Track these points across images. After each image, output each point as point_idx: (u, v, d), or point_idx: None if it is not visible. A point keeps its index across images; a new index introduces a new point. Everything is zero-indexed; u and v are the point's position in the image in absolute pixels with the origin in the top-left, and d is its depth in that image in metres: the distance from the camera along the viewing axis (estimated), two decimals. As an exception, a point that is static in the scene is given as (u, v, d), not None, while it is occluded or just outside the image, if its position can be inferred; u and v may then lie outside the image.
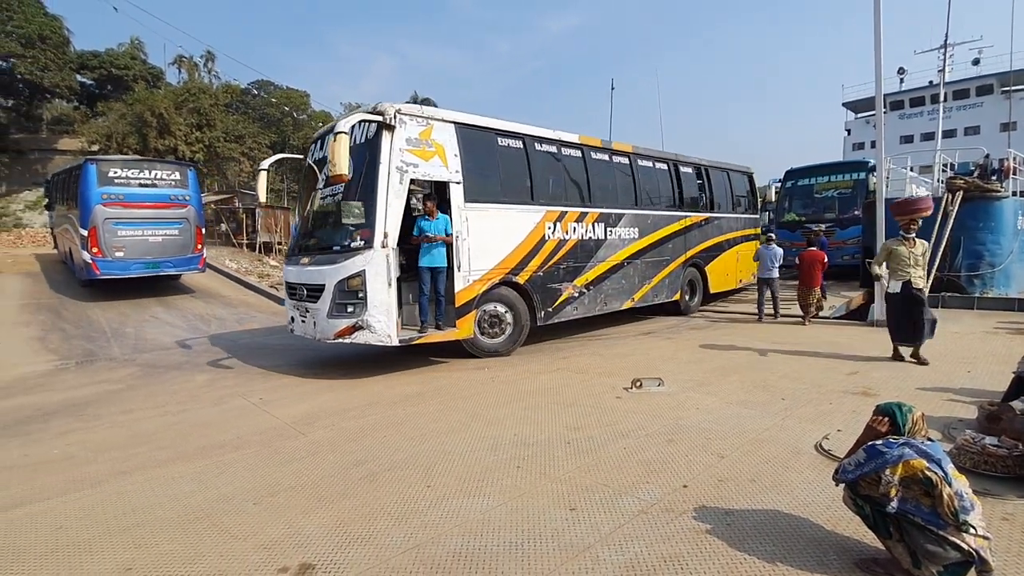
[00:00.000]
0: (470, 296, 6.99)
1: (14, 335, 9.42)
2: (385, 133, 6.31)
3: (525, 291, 7.68)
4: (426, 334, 6.75)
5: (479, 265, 7.09)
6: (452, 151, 6.84)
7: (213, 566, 2.65)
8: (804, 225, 14.39)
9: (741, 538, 2.71)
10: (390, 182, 6.26)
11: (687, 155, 11.15)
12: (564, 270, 8.17)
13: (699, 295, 11.19)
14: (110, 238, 11.51)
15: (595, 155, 8.91)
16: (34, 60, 25.60)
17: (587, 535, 2.79)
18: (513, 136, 7.70)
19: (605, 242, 8.82)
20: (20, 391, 6.72)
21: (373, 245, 6.16)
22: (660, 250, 9.96)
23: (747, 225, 12.72)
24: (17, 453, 4.47)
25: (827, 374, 5.81)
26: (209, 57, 37.43)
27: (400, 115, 6.40)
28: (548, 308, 8.02)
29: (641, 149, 9.96)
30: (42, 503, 3.48)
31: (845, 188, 14.40)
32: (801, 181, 15.37)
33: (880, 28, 8.51)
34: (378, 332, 6.26)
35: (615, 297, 9.14)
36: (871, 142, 34.78)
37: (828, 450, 3.71)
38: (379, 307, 6.21)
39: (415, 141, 6.52)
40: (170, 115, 24.80)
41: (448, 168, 6.80)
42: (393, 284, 6.31)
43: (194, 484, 3.65)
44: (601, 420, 4.58)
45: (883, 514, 2.35)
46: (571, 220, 8.26)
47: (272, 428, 4.78)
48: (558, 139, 8.32)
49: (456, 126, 6.95)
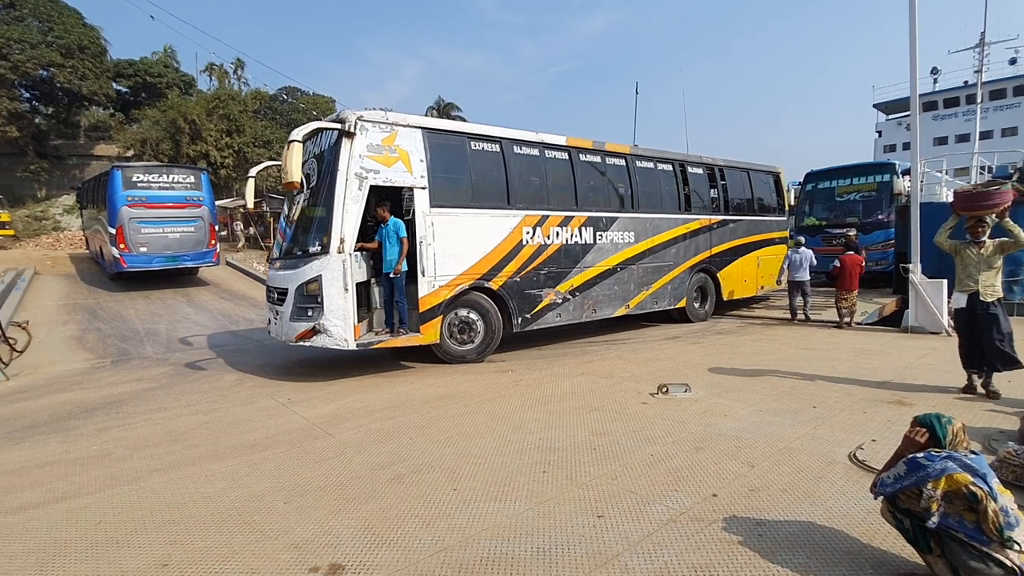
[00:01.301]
0: (435, 302, 6.97)
1: (54, 334, 9.77)
2: (345, 140, 6.39)
3: (500, 297, 7.59)
4: (385, 339, 6.84)
5: (446, 270, 7.05)
6: (418, 157, 6.83)
7: (246, 564, 2.70)
8: (824, 230, 13.83)
9: (773, 549, 2.65)
10: (348, 188, 6.33)
11: (698, 155, 10.70)
12: (545, 275, 8.03)
13: (711, 302, 10.74)
14: (135, 235, 13.01)
15: (585, 157, 8.65)
16: (73, 69, 26.55)
17: (615, 543, 2.76)
18: (489, 140, 7.59)
19: (594, 247, 8.58)
20: (60, 388, 6.96)
21: (329, 250, 6.28)
22: (661, 255, 9.62)
23: (772, 228, 12.07)
24: (59, 449, 4.63)
25: (860, 382, 5.65)
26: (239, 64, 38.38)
27: (361, 122, 6.46)
28: (526, 315, 7.86)
29: (640, 150, 9.64)
30: (83, 498, 3.59)
31: (869, 191, 13.72)
32: (822, 184, 14.75)
33: (916, 27, 8.30)
34: (335, 336, 6.34)
35: (606, 303, 8.86)
36: (903, 144, 33.84)
37: (863, 461, 3.62)
38: (335, 311, 6.31)
39: (377, 147, 6.56)
40: (202, 121, 25.44)
41: (412, 174, 6.78)
42: (351, 289, 6.35)
43: (226, 482, 3.73)
44: (627, 426, 4.54)
45: (924, 529, 2.28)
46: (553, 224, 8.08)
47: (300, 428, 4.85)
48: (541, 142, 8.13)
49: (424, 131, 6.96)
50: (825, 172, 14.85)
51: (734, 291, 11.17)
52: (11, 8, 26.77)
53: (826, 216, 14.37)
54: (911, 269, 8.59)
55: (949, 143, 33.44)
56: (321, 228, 6.51)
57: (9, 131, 24.79)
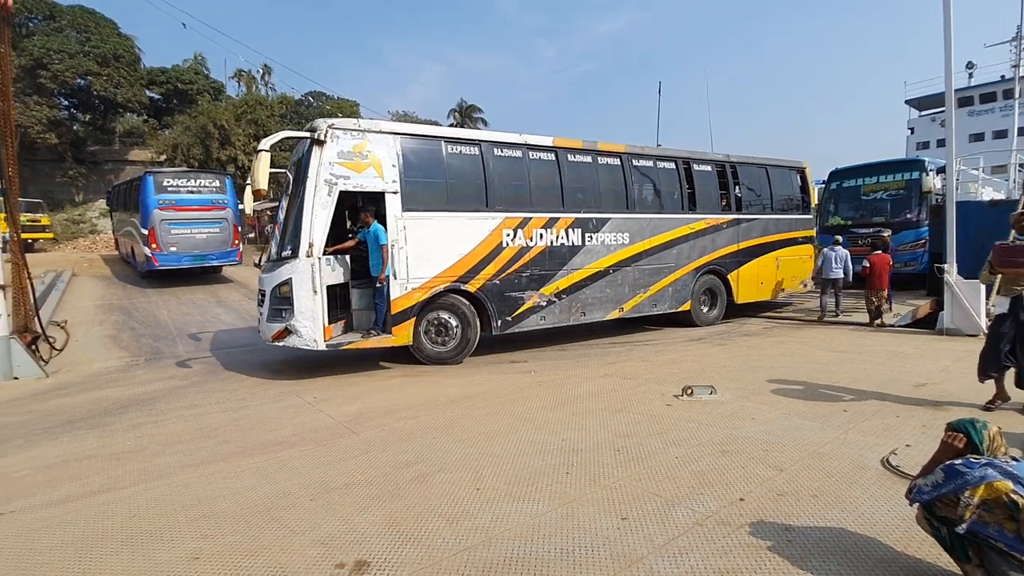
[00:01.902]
0: (408, 304, 7.07)
1: (90, 333, 10.10)
2: (316, 148, 6.59)
3: (478, 299, 7.60)
4: (356, 340, 6.99)
5: (420, 273, 7.14)
6: (390, 162, 6.95)
7: (274, 559, 2.75)
8: (850, 230, 13.28)
9: (803, 555, 2.59)
10: (317, 194, 6.55)
11: (704, 151, 10.28)
12: (528, 278, 7.96)
13: (720, 306, 10.29)
14: (165, 236, 13.83)
15: (574, 158, 8.50)
16: (109, 78, 27.50)
17: (640, 545, 2.74)
18: (467, 143, 7.66)
19: (583, 248, 8.42)
20: (96, 385, 7.19)
21: (299, 254, 6.52)
22: (660, 256, 9.28)
23: (794, 227, 11.31)
24: (95, 444, 4.78)
25: (893, 385, 5.50)
26: (266, 70, 39.26)
27: (332, 130, 6.65)
28: (506, 317, 7.82)
29: (638, 148, 9.33)
30: (118, 492, 3.70)
31: (896, 189, 13.13)
32: (847, 182, 14.16)
33: (950, 20, 8.06)
34: (304, 337, 6.58)
35: (597, 306, 8.67)
36: (937, 140, 32.84)
37: (896, 466, 3.51)
38: (305, 313, 6.54)
39: (348, 154, 6.72)
40: (230, 126, 26.09)
41: (384, 179, 6.91)
42: (320, 291, 6.57)
43: (255, 478, 3.80)
44: (651, 428, 4.49)
45: (961, 537, 2.21)
46: (537, 226, 7.99)
47: (326, 427, 4.93)
48: (525, 143, 8.09)
49: (397, 137, 7.09)
50: (850, 170, 14.30)
51: (748, 294, 10.63)
52: (51, 20, 27.86)
53: (851, 216, 13.85)
54: (946, 270, 8.32)
55: (986, 140, 32.31)
56: (294, 233, 6.74)
57: (49, 138, 25.77)
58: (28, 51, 25.01)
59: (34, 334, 7.92)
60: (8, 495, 3.73)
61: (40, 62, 25.38)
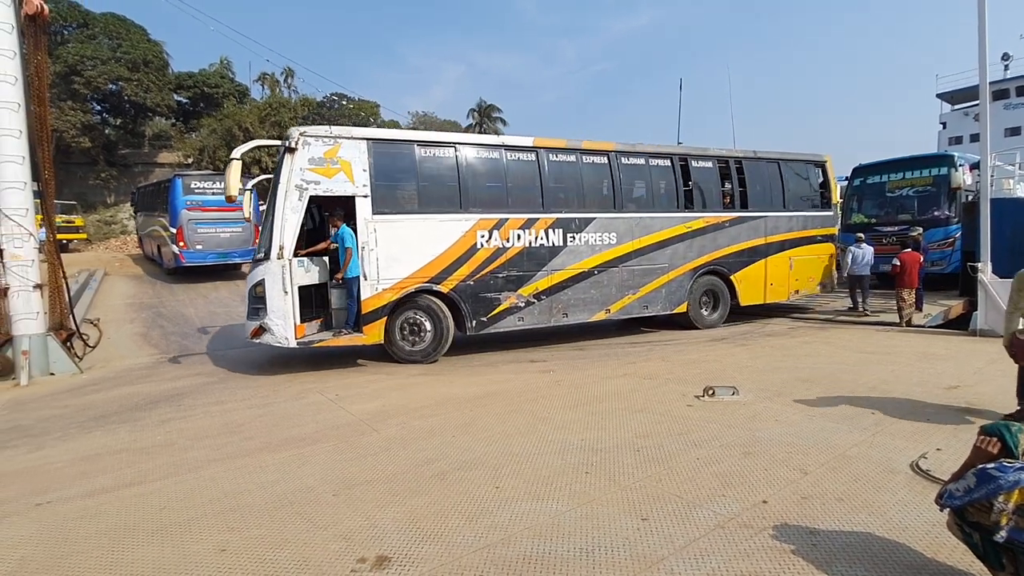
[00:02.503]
0: (379, 304, 7.27)
1: (122, 331, 10.41)
2: (288, 155, 6.88)
3: (452, 300, 7.68)
4: (326, 339, 7.25)
5: (390, 274, 7.31)
6: (360, 167, 7.13)
7: (298, 552, 2.80)
8: (874, 228, 12.80)
9: (828, 560, 2.55)
10: (287, 199, 6.84)
11: (704, 147, 9.86)
12: (504, 279, 7.96)
13: (723, 308, 9.82)
14: (192, 234, 14.74)
15: (555, 157, 8.42)
16: (139, 82, 28.25)
17: (660, 546, 2.72)
18: (441, 146, 7.76)
19: (565, 249, 8.32)
20: (128, 381, 7.41)
21: (271, 256, 6.87)
22: (652, 256, 9.02)
23: (811, 224, 10.59)
24: (127, 438, 4.93)
25: (923, 387, 5.36)
26: (289, 73, 39.89)
27: (304, 137, 6.92)
28: (481, 318, 7.87)
29: (628, 146, 9.05)
30: (149, 484, 3.81)
31: (923, 186, 12.53)
32: (871, 178, 13.55)
33: (984, 11, 7.80)
34: (276, 334, 6.91)
35: (581, 308, 8.55)
36: (971, 135, 31.78)
37: (926, 470, 3.42)
38: (276, 312, 6.89)
39: (319, 160, 6.97)
40: (255, 129, 26.60)
41: (354, 183, 7.11)
42: (290, 291, 6.88)
43: (279, 473, 3.88)
44: (672, 428, 4.45)
45: (995, 544, 2.14)
46: (514, 227, 7.97)
47: (347, 424, 4.99)
48: (503, 144, 8.15)
49: (369, 142, 7.25)
50: (874, 166, 13.72)
51: (755, 296, 10.10)
52: (85, 27, 28.73)
53: (875, 213, 13.33)
54: (980, 269, 8.08)
55: (1022, 134, 31.18)
56: (267, 236, 7.05)
57: (83, 142, 26.60)
58: (63, 58, 25.83)
59: (69, 331, 8.19)
60: (46, 486, 3.87)
61: (74, 68, 26.20)
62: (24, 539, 3.10)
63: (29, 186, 7.62)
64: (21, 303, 7.48)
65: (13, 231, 7.41)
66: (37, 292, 7.61)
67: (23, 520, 3.35)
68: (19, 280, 7.44)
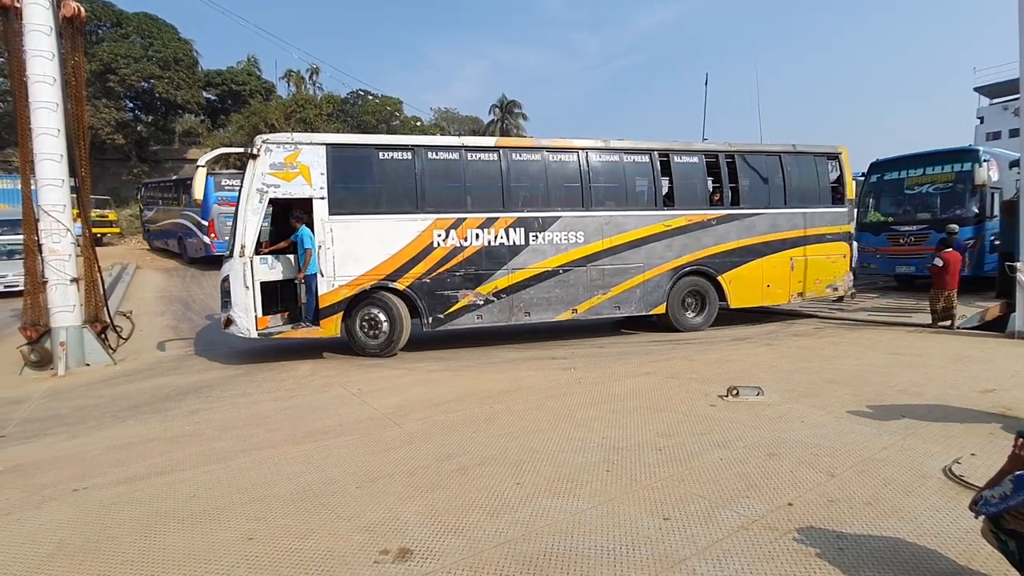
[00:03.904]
0: (335, 299, 7.62)
1: (153, 323, 10.71)
2: (251, 161, 7.38)
3: (409, 297, 7.86)
4: (285, 331, 7.72)
5: (346, 272, 7.61)
6: (319, 170, 7.49)
7: (323, 543, 2.85)
8: (890, 227, 12.25)
9: (856, 565, 2.50)
10: (249, 202, 7.32)
11: (687, 142, 9.43)
12: (462, 277, 8.03)
13: (710, 310, 9.32)
14: (221, 227, 15.65)
15: (519, 157, 8.42)
16: (170, 80, 29.00)
17: (683, 547, 2.70)
18: (399, 149, 7.95)
19: (527, 248, 8.26)
20: (158, 373, 7.62)
21: (234, 254, 7.38)
22: (625, 256, 8.72)
23: (818, 222, 9.73)
24: (158, 428, 5.08)
25: (957, 390, 5.20)
26: (314, 70, 40.40)
27: (266, 144, 7.43)
28: (438, 315, 8.00)
29: (600, 143, 8.84)
30: (179, 473, 3.92)
31: (945, 182, 11.77)
32: (888, 174, 12.81)
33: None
34: (239, 326, 7.40)
35: (544, 307, 8.43)
36: (1010, 131, 30.57)
37: (960, 476, 3.32)
38: (240, 305, 7.37)
39: (279, 165, 7.40)
40: (280, 126, 27.06)
41: (312, 186, 7.48)
42: (251, 287, 7.34)
43: (304, 465, 3.95)
44: (694, 428, 4.41)
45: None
46: (472, 227, 8.04)
47: (370, 418, 5.06)
48: (463, 145, 8.24)
49: (327, 147, 7.59)
50: (893, 161, 13.00)
51: (748, 298, 9.48)
52: (118, 26, 29.54)
53: (893, 212, 12.66)
54: (1019, 268, 7.79)
55: (1066, 129, 29.91)
56: (232, 236, 7.59)
57: (116, 139, 27.42)
58: (98, 57, 26.62)
59: (103, 324, 8.45)
60: (83, 473, 4.01)
61: (109, 67, 26.99)
62: (63, 523, 3.22)
63: (67, 183, 7.87)
64: (59, 296, 7.73)
65: (52, 226, 7.66)
66: (74, 285, 7.87)
67: (62, 505, 3.49)
68: (57, 274, 7.70)
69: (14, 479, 3.97)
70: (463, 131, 49.36)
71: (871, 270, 13.14)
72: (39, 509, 3.43)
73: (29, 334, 7.65)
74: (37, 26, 7.43)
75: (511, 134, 44.35)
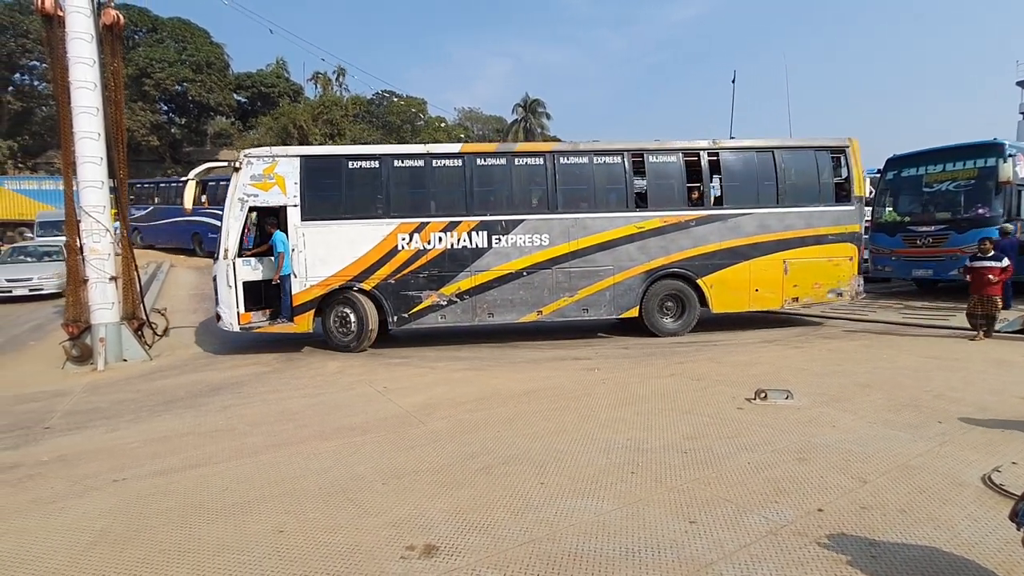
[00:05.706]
0: (307, 298, 8.25)
1: (186, 321, 11.02)
2: (235, 174, 8.10)
3: (375, 297, 8.31)
4: (264, 325, 8.45)
5: (316, 273, 8.21)
6: (293, 180, 8.12)
7: (351, 538, 2.91)
8: (907, 227, 11.49)
9: (888, 573, 2.45)
10: (231, 210, 8.05)
11: (663, 140, 9.08)
12: (426, 278, 8.35)
13: (690, 315, 8.94)
14: None
15: (484, 162, 8.61)
16: (203, 83, 29.83)
17: (709, 551, 2.67)
18: (367, 159, 8.46)
19: (490, 250, 8.38)
20: (192, 369, 7.86)
21: (218, 257, 8.08)
22: (593, 258, 8.56)
23: (818, 222, 8.99)
24: (192, 422, 5.24)
25: (997, 396, 5.02)
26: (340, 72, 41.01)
27: (247, 158, 8.15)
28: (403, 314, 8.40)
29: (569, 146, 8.93)
30: (212, 466, 4.04)
31: (967, 179, 10.93)
32: (906, 171, 11.96)
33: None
34: (224, 320, 8.14)
35: (508, 308, 8.49)
36: (1054, 125, 29.33)
37: (1000, 485, 3.21)
38: (225, 302, 8.10)
39: (258, 176, 8.08)
40: (308, 127, 27.60)
41: (286, 195, 8.13)
42: (234, 286, 8.03)
43: (332, 461, 4.03)
44: (721, 431, 4.35)
45: (1080, 567, 2.00)
46: (435, 230, 8.32)
47: (395, 415, 5.13)
48: (427, 153, 8.60)
49: (301, 159, 8.26)
50: (911, 157, 12.13)
51: (733, 303, 9.00)
52: (153, 32, 30.48)
53: (910, 210, 11.87)
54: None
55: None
56: (218, 241, 8.25)
57: (151, 140, 28.33)
58: (135, 61, 27.52)
59: (140, 321, 8.74)
60: (122, 464, 4.17)
61: (144, 71, 27.88)
62: (104, 512, 3.35)
63: (106, 185, 8.17)
64: (98, 294, 8.03)
65: (92, 227, 7.95)
66: (112, 284, 8.15)
67: (103, 495, 3.63)
68: (97, 272, 7.99)
69: (58, 469, 4.15)
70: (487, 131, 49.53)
71: (886, 273, 12.53)
72: (81, 498, 3.58)
73: (71, 330, 7.96)
74: (79, 33, 7.71)
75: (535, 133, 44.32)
